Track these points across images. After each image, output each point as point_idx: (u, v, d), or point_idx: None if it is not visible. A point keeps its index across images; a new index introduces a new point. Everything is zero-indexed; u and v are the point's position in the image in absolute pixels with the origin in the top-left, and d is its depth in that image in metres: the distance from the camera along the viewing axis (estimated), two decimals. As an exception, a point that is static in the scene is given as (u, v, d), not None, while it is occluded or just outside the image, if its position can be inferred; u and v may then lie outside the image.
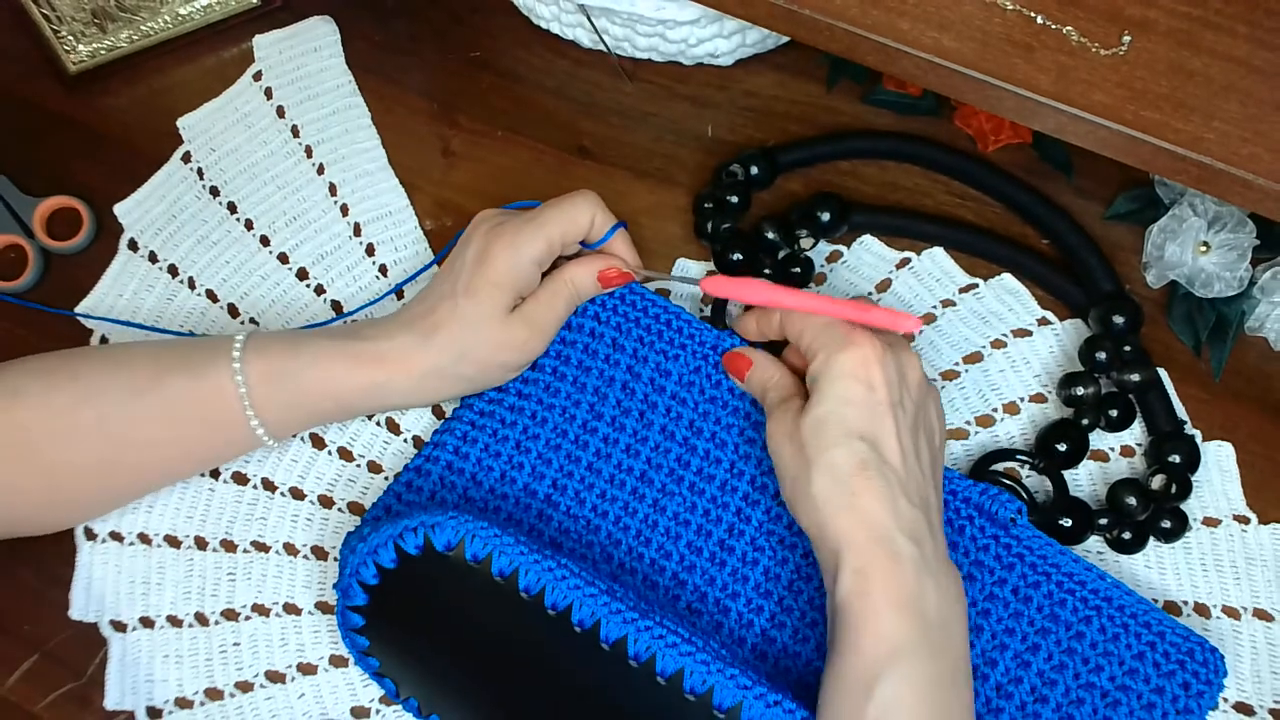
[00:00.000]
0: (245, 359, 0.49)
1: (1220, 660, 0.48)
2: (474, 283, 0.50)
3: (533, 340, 0.52)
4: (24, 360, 0.49)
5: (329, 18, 0.65)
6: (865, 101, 0.62)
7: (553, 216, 0.51)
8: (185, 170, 0.61)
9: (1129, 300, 0.56)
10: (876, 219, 0.59)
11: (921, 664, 0.43)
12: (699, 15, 0.58)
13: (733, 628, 0.50)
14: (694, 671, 0.44)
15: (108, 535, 0.53)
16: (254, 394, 0.49)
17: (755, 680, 0.44)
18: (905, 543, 0.44)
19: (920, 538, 0.45)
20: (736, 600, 0.50)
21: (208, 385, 0.48)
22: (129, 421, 0.48)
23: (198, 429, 0.49)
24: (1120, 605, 0.49)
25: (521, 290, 0.51)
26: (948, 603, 0.44)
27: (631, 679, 0.45)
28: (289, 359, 0.49)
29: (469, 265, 0.50)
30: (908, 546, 0.44)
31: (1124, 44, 0.47)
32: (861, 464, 0.45)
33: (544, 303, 0.52)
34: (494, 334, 0.50)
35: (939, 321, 0.57)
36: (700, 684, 0.44)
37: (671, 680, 0.45)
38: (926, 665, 0.43)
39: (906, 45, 0.48)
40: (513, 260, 0.50)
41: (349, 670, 0.51)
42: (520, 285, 0.51)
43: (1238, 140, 0.45)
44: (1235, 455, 0.55)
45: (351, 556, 0.47)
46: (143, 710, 0.51)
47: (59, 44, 0.62)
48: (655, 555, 0.51)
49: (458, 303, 0.50)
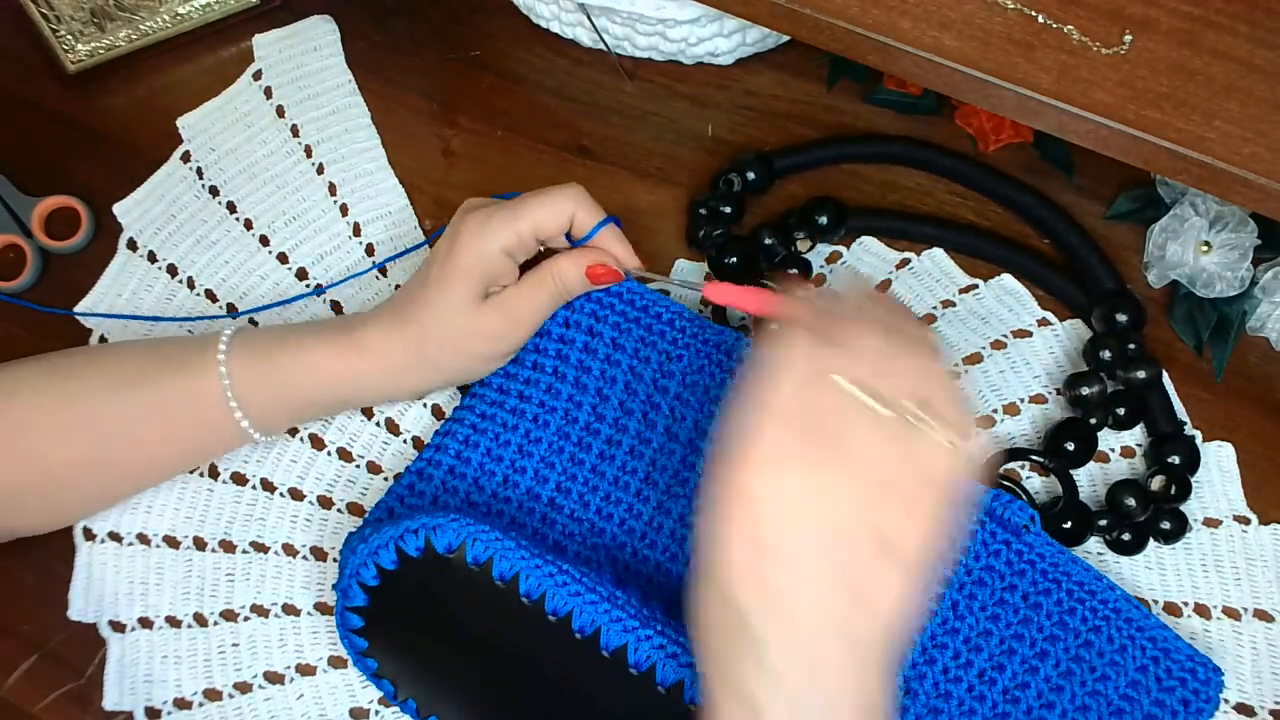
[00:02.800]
0: (231, 353, 0.49)
1: (1220, 677, 0.48)
2: (444, 272, 0.49)
3: (511, 331, 0.51)
4: (21, 361, 0.49)
5: (329, 17, 0.65)
6: (866, 101, 0.62)
7: (527, 208, 0.49)
8: (184, 170, 0.61)
9: (1131, 298, 0.55)
10: (874, 221, 0.59)
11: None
12: (699, 14, 0.58)
13: None
14: (694, 683, 0.44)
15: (106, 535, 0.53)
16: (238, 388, 0.48)
17: None
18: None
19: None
20: None
21: (194, 380, 0.48)
22: (119, 417, 0.48)
23: (186, 424, 0.49)
24: (1128, 618, 0.49)
25: (493, 279, 0.50)
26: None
27: (631, 687, 0.45)
28: (273, 352, 0.49)
29: (442, 254, 0.50)
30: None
31: (1125, 43, 0.47)
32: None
33: (524, 294, 0.51)
34: (464, 322, 0.49)
35: (939, 322, 0.57)
36: (700, 695, 0.44)
37: (671, 690, 0.44)
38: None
39: (907, 44, 0.47)
40: (478, 248, 0.49)
41: (348, 671, 0.51)
42: (490, 274, 0.49)
43: (1239, 140, 0.45)
44: (1236, 455, 0.55)
45: (352, 557, 0.47)
46: (141, 711, 0.51)
47: (58, 43, 0.62)
48: (660, 558, 0.51)
49: (428, 291, 0.49)
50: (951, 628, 0.49)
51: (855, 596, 0.36)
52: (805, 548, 0.36)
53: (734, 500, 0.37)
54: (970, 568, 0.50)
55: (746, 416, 0.37)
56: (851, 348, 0.38)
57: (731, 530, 0.37)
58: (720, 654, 0.37)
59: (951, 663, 0.49)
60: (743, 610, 0.36)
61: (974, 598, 0.49)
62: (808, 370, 0.37)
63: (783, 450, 0.37)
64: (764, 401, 0.37)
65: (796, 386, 0.37)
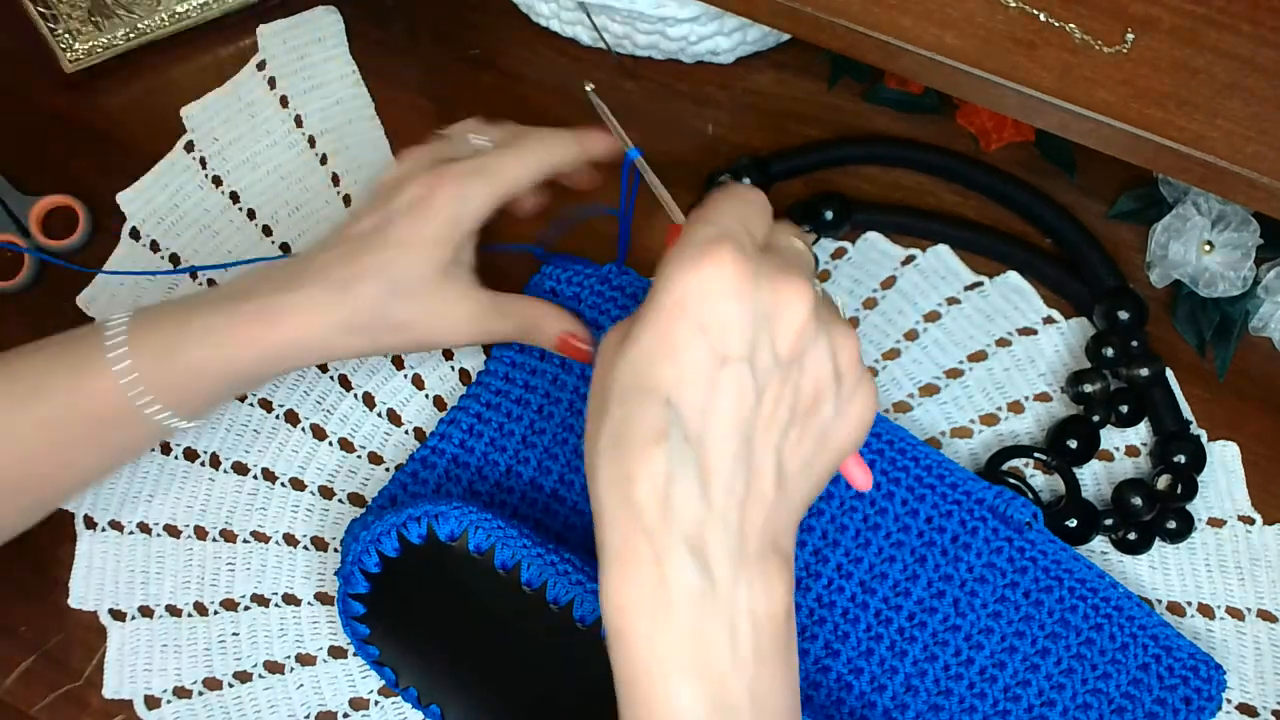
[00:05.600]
0: (131, 336, 0.43)
1: (1222, 676, 0.48)
2: (407, 235, 0.44)
3: (470, 333, 0.47)
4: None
5: (333, 8, 0.65)
6: (867, 99, 0.62)
7: (509, 163, 0.44)
8: (188, 159, 0.61)
9: (1133, 295, 0.56)
10: (880, 217, 0.59)
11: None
12: (699, 12, 0.58)
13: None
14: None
15: (107, 524, 0.53)
16: (148, 378, 0.43)
17: None
18: (684, 566, 0.31)
19: (717, 564, 0.31)
20: None
21: (90, 380, 0.43)
22: (14, 437, 0.43)
23: (97, 427, 0.44)
24: (1130, 615, 0.49)
25: (462, 248, 0.45)
26: (766, 687, 0.32)
27: None
28: (178, 335, 0.44)
29: (402, 212, 0.44)
30: (686, 573, 0.31)
31: (1127, 42, 0.47)
32: (655, 435, 0.32)
33: (494, 313, 0.47)
34: (427, 299, 0.45)
35: (944, 319, 0.57)
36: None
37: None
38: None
39: (908, 43, 0.47)
40: (456, 214, 0.44)
41: (348, 661, 0.51)
42: (463, 242, 0.45)
43: (1242, 139, 0.45)
44: (1240, 455, 0.55)
45: (354, 544, 0.47)
46: (141, 699, 0.50)
47: (55, 42, 0.62)
48: None
49: (388, 254, 0.44)
50: (953, 624, 0.49)
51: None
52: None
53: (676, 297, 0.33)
54: (972, 565, 0.50)
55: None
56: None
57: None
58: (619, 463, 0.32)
59: (953, 659, 0.49)
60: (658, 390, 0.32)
61: (975, 595, 0.49)
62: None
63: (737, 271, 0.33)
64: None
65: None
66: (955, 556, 0.50)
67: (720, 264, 0.32)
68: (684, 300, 0.32)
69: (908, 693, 0.49)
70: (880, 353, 0.57)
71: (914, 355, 0.57)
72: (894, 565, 0.50)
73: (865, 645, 0.49)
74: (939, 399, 0.56)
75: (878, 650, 0.49)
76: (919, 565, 0.50)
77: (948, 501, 0.50)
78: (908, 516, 0.50)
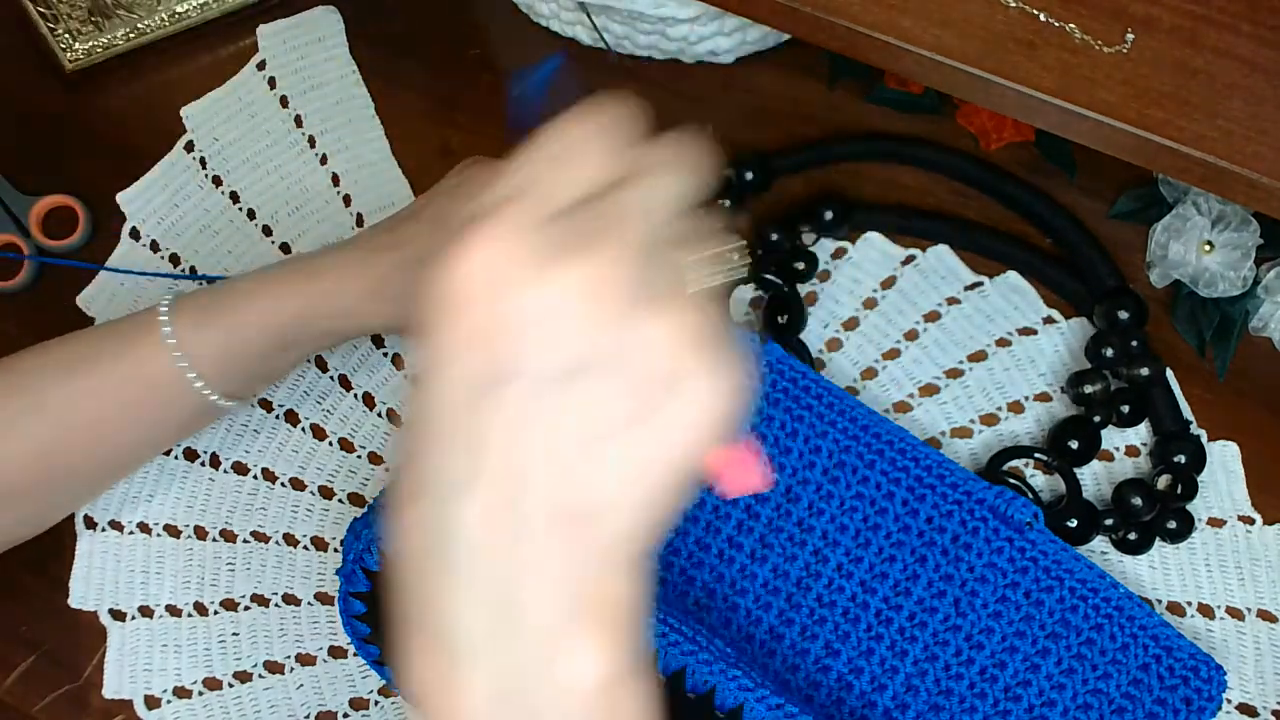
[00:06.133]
0: (175, 311, 0.46)
1: (1222, 676, 0.48)
2: (442, 214, 0.47)
3: None
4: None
5: (333, 8, 0.65)
6: (867, 99, 0.62)
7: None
8: (188, 159, 0.61)
9: (1133, 295, 0.56)
10: (880, 217, 0.59)
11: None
12: (699, 13, 0.58)
13: (758, 636, 0.50)
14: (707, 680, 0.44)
15: (107, 524, 0.53)
16: (186, 343, 0.46)
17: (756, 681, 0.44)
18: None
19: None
20: (760, 609, 0.50)
21: (139, 351, 0.46)
22: (65, 404, 0.46)
23: (139, 401, 0.47)
24: (1131, 615, 0.49)
25: None
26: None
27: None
28: (218, 299, 0.47)
29: (444, 194, 0.47)
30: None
31: (1127, 41, 0.47)
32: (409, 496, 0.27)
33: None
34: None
35: (944, 319, 0.57)
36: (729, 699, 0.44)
37: (673, 676, 0.44)
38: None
39: (908, 43, 0.47)
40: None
41: (348, 661, 0.51)
42: None
43: (1242, 139, 0.45)
44: (1240, 455, 0.55)
45: (356, 543, 0.47)
46: (140, 699, 0.50)
47: (55, 42, 0.62)
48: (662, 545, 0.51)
49: (419, 228, 0.47)
50: (954, 624, 0.49)
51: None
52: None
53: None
54: (973, 565, 0.50)
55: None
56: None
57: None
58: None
59: (953, 659, 0.49)
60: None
61: (976, 594, 0.49)
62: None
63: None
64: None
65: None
66: (956, 556, 0.50)
67: (481, 250, 0.25)
68: (441, 305, 0.25)
69: (908, 692, 0.49)
70: (880, 353, 0.57)
71: (914, 355, 0.57)
72: (894, 565, 0.50)
73: (866, 645, 0.49)
74: (939, 399, 0.56)
75: (878, 650, 0.49)
76: (919, 565, 0.50)
77: (948, 502, 0.50)
78: (908, 516, 0.50)
